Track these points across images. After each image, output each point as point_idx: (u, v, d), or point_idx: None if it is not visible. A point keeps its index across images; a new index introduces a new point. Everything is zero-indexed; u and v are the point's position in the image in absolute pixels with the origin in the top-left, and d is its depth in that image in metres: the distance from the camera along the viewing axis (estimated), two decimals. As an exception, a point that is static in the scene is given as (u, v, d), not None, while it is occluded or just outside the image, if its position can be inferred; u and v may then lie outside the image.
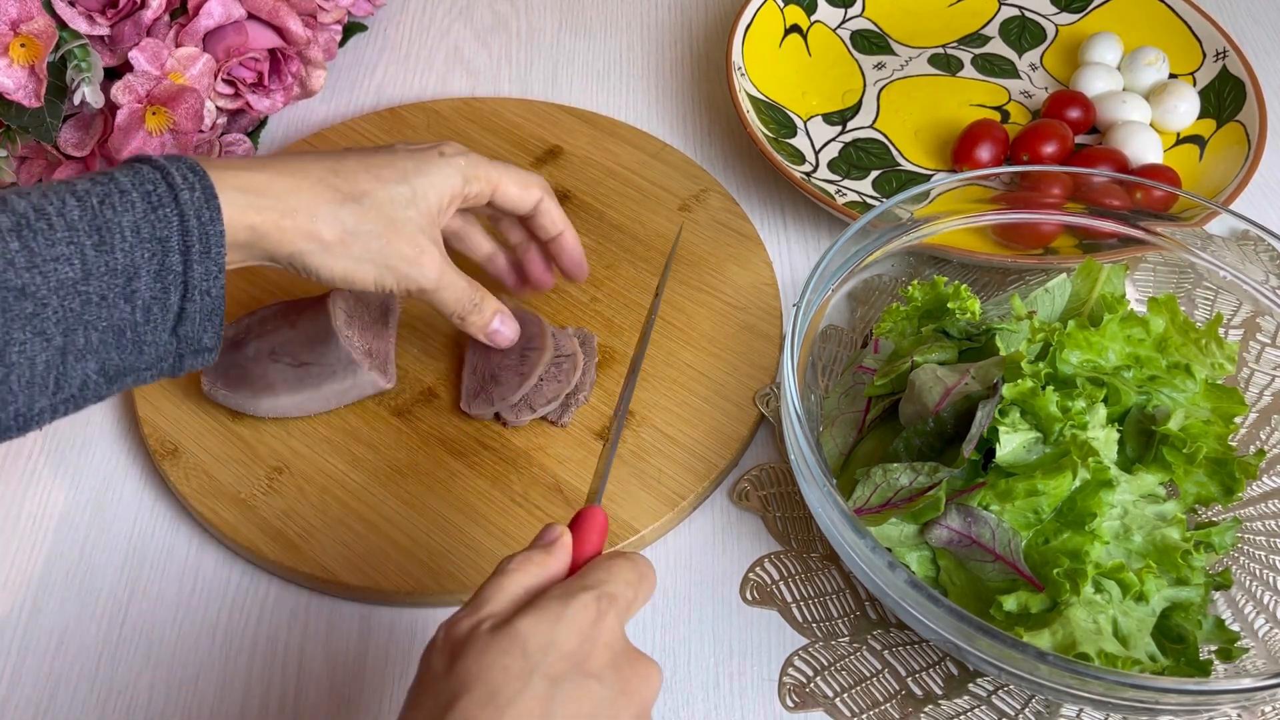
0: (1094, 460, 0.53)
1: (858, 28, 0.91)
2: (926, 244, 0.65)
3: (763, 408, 0.67)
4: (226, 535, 0.62)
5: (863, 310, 0.65)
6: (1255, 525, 0.60)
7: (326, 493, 0.63)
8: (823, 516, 0.54)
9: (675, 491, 0.63)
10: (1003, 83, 0.87)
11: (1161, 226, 0.64)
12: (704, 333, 0.70)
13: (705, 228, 0.76)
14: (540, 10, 0.95)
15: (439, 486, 0.63)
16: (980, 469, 0.55)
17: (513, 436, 0.65)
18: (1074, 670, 0.47)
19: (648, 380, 0.68)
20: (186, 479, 0.63)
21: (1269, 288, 0.62)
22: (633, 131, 0.82)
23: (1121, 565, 0.52)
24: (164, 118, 0.71)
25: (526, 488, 0.63)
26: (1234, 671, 0.54)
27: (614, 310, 0.72)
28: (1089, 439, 0.54)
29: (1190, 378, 0.59)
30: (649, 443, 0.65)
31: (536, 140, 0.81)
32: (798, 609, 0.60)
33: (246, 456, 0.65)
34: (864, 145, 0.83)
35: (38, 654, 0.59)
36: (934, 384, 0.57)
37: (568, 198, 0.78)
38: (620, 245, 0.75)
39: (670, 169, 0.80)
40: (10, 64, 0.67)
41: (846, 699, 0.57)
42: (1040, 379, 0.56)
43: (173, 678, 0.58)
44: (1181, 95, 0.81)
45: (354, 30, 0.90)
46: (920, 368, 0.58)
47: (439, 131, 0.81)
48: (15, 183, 0.76)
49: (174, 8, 0.73)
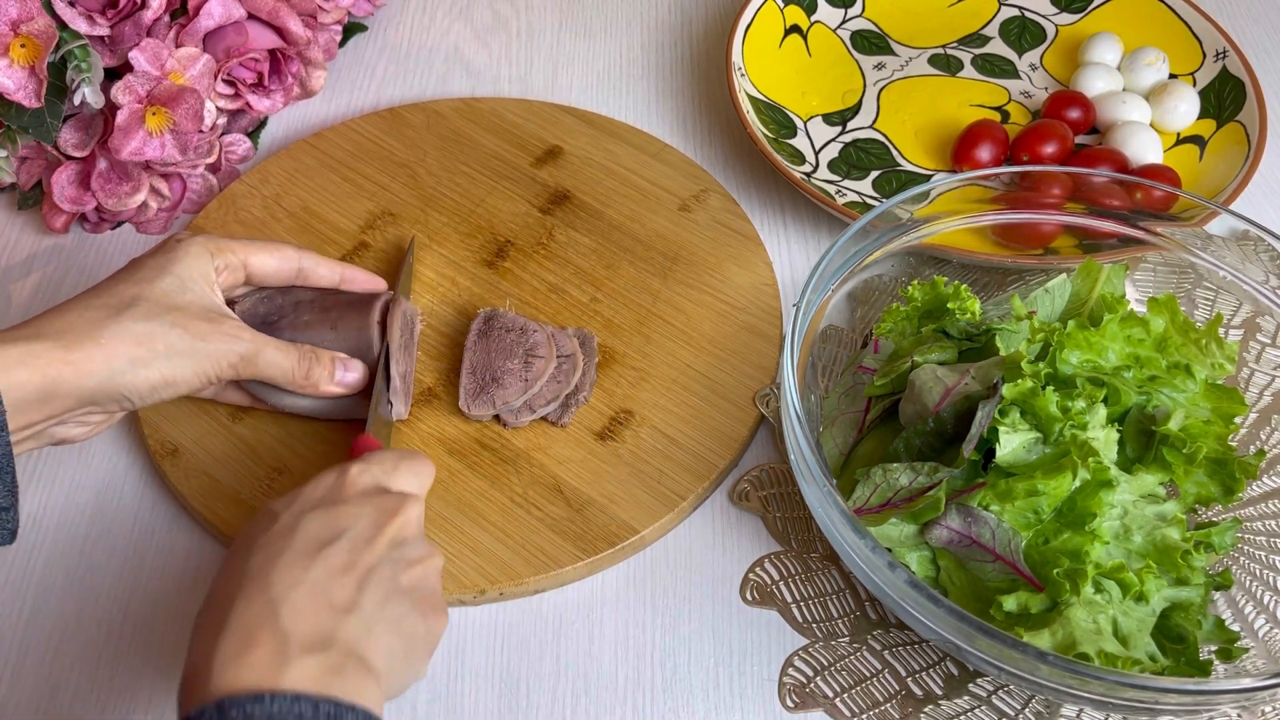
0: (1094, 460, 0.53)
1: (858, 28, 0.91)
2: (926, 244, 0.65)
3: (763, 408, 0.67)
4: (227, 536, 0.62)
5: (863, 310, 0.65)
6: (1255, 525, 0.60)
7: (327, 493, 0.63)
8: (823, 516, 0.54)
9: (675, 492, 0.63)
10: (1003, 83, 0.87)
11: (1161, 226, 0.64)
12: (704, 333, 0.70)
13: (705, 228, 0.76)
14: (540, 10, 0.95)
15: (438, 486, 0.63)
16: (980, 469, 0.56)
17: (512, 437, 0.65)
18: (1074, 670, 0.47)
19: (648, 380, 0.68)
20: (186, 479, 0.63)
21: (1269, 288, 0.62)
22: (632, 132, 0.82)
23: (1121, 565, 0.52)
24: (164, 118, 0.71)
25: (526, 487, 0.63)
26: (1234, 671, 0.54)
27: (614, 310, 0.72)
28: (1089, 439, 0.54)
29: (1190, 378, 0.59)
30: (649, 443, 0.65)
31: (536, 140, 0.81)
32: (798, 609, 0.60)
33: (247, 457, 0.64)
34: (864, 145, 0.83)
35: (38, 654, 0.59)
36: (934, 384, 0.57)
37: (567, 198, 0.78)
38: (620, 245, 0.75)
39: (670, 169, 0.80)
40: (10, 64, 0.67)
41: (846, 699, 0.57)
42: (1040, 379, 0.56)
43: (172, 678, 0.58)
44: (1181, 95, 0.81)
45: (354, 30, 0.90)
46: (920, 368, 0.58)
47: (438, 131, 0.82)
48: (15, 183, 0.76)
49: (174, 8, 0.73)
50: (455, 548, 0.61)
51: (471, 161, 0.80)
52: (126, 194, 0.74)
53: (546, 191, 0.78)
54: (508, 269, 0.74)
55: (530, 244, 0.75)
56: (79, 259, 0.76)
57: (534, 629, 0.60)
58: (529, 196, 0.78)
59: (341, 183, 0.79)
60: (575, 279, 0.73)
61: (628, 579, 0.62)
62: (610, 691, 0.58)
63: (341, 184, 0.79)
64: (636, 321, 0.71)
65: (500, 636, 0.60)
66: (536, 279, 0.73)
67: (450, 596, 0.60)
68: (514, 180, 0.79)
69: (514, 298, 0.72)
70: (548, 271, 0.73)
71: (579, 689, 0.58)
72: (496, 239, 0.75)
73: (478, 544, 0.61)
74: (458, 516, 0.62)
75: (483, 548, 0.61)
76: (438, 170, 0.79)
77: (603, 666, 0.59)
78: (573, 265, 0.74)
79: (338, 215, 0.77)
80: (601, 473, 0.64)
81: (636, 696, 0.58)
